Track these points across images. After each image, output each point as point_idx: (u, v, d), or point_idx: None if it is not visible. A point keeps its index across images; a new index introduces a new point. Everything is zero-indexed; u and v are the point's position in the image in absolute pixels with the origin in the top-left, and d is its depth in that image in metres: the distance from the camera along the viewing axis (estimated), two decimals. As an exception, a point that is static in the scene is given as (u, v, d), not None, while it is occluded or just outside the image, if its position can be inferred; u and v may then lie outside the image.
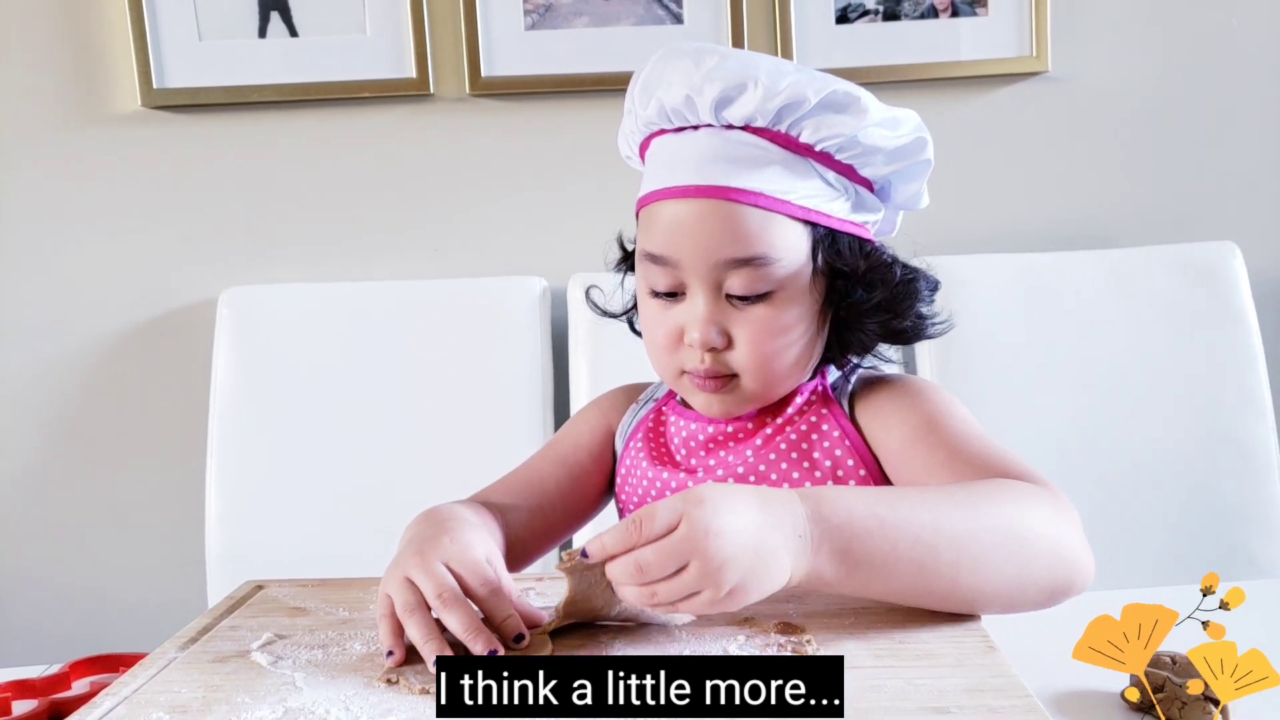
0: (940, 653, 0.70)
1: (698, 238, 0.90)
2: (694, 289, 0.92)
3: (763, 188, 0.89)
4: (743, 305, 0.92)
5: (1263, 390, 1.74)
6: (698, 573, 0.65)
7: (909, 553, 0.72)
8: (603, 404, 1.15)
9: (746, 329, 0.92)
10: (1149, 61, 1.89)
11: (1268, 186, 1.92)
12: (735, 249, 0.89)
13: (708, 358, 0.93)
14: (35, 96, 1.85)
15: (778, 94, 0.87)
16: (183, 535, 1.87)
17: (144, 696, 0.68)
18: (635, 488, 1.05)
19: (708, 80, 0.88)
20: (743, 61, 0.89)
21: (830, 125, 0.88)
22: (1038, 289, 1.77)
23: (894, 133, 0.91)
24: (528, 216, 1.90)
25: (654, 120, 0.94)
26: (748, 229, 0.89)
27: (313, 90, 1.85)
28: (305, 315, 1.82)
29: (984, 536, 0.74)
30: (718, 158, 0.90)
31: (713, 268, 0.90)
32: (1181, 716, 0.70)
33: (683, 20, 1.84)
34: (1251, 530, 1.70)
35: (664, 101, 0.91)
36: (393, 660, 0.71)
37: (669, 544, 0.66)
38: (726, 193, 0.89)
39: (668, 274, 0.93)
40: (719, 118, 0.90)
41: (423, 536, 0.81)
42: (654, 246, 0.93)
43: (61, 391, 1.90)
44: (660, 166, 0.94)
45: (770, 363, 0.93)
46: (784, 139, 0.90)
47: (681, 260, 0.91)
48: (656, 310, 0.96)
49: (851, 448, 0.97)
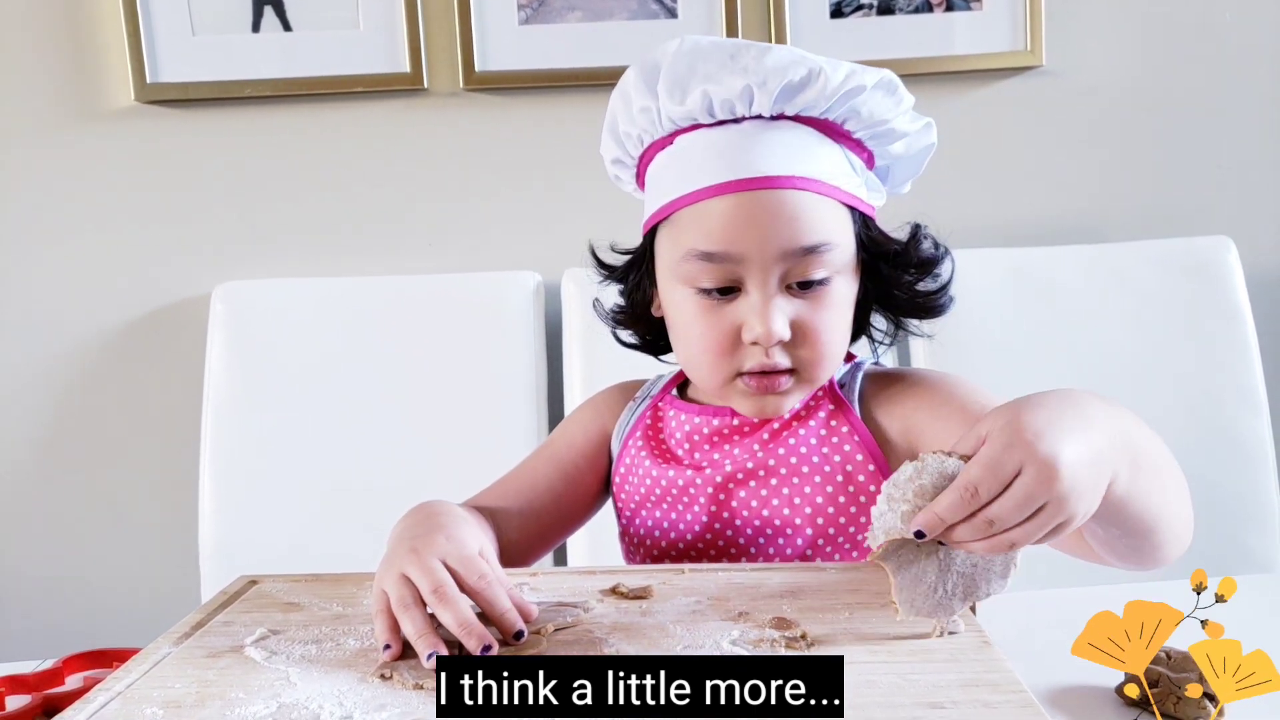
0: (935, 648, 0.70)
1: (763, 229, 0.88)
2: (754, 283, 0.90)
3: (817, 174, 0.89)
4: (804, 294, 0.91)
5: (1258, 385, 1.74)
6: (1054, 510, 0.64)
7: (1165, 465, 0.74)
8: (597, 404, 1.13)
9: (810, 318, 0.91)
10: (1143, 56, 1.89)
11: (1263, 181, 1.92)
12: (803, 237, 0.88)
13: (774, 352, 0.91)
14: (28, 91, 1.85)
15: (841, 83, 0.88)
16: (176, 530, 1.87)
17: (137, 692, 0.67)
18: (637, 487, 1.04)
19: (773, 71, 0.87)
20: (788, 52, 0.89)
21: (877, 112, 0.91)
22: (1032, 284, 1.77)
23: (915, 119, 0.95)
24: (522, 211, 1.90)
25: (691, 115, 0.92)
26: (812, 217, 0.89)
27: (306, 85, 1.84)
28: (299, 310, 1.81)
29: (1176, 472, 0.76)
30: (772, 147, 0.89)
31: (779, 258, 0.89)
32: (1177, 711, 0.70)
33: (676, 14, 1.83)
34: (1247, 525, 1.71)
35: (713, 96, 0.89)
36: (389, 655, 0.71)
37: (1019, 494, 0.63)
38: (790, 181, 0.88)
39: (723, 271, 0.90)
40: (780, 106, 0.89)
41: (417, 533, 0.81)
42: (710, 244, 0.90)
43: (55, 386, 1.90)
44: (700, 163, 0.91)
45: (832, 351, 0.93)
46: (824, 124, 0.91)
47: (746, 254, 0.89)
48: (704, 311, 0.93)
49: (862, 443, 0.96)
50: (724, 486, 0.98)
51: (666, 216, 0.94)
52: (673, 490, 1.00)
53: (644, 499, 1.03)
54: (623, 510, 1.07)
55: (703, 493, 0.98)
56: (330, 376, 1.78)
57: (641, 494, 1.03)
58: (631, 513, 1.05)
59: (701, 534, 0.99)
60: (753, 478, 0.97)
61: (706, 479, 0.98)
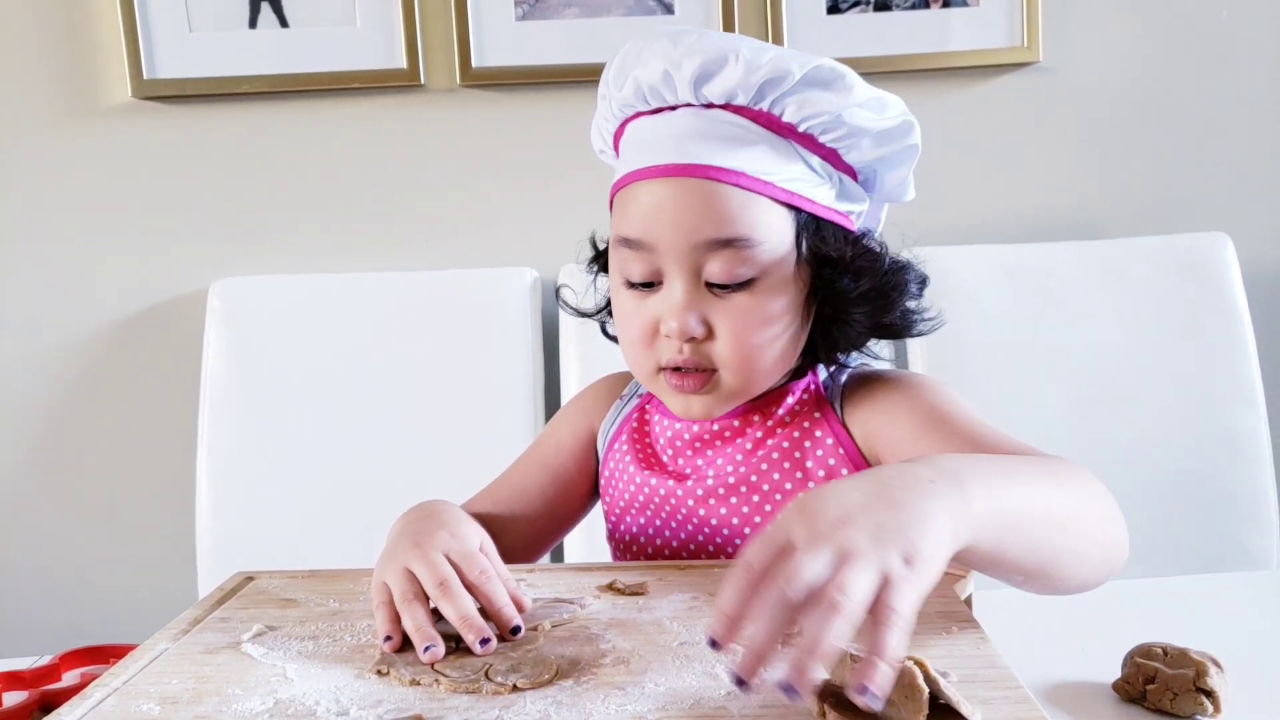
0: (931, 644, 0.69)
1: (676, 218, 0.86)
2: (671, 275, 0.87)
3: (744, 167, 0.85)
4: (723, 293, 0.87)
5: (1254, 382, 1.74)
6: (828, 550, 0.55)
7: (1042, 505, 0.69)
8: (585, 401, 1.12)
9: (728, 318, 0.87)
10: (1140, 52, 1.89)
11: (1259, 177, 1.92)
12: (715, 229, 0.85)
13: (686, 349, 0.88)
14: (25, 87, 1.84)
15: (759, 68, 0.83)
16: (173, 527, 1.87)
17: (134, 688, 0.67)
18: (621, 492, 1.03)
19: (687, 55, 0.84)
20: (723, 38, 0.86)
21: (814, 103, 0.84)
22: (1028, 280, 1.77)
23: (880, 115, 0.88)
24: (519, 207, 1.90)
25: (630, 102, 0.90)
26: (728, 209, 0.85)
27: (303, 81, 1.84)
28: (296, 306, 1.81)
29: (1083, 505, 0.72)
30: (697, 136, 0.86)
31: (691, 250, 0.86)
32: (1173, 707, 0.70)
33: (673, 10, 1.83)
34: (1243, 521, 1.71)
35: (640, 80, 0.88)
36: (389, 645, 0.72)
37: (802, 558, 0.55)
38: (706, 171, 0.85)
39: (643, 260, 0.88)
40: (699, 95, 0.86)
41: (419, 528, 0.82)
42: (630, 230, 0.88)
43: (51, 383, 1.90)
44: (636, 149, 0.90)
45: (753, 356, 0.88)
46: (766, 118, 0.86)
47: (659, 243, 0.87)
48: (631, 302, 0.91)
49: (845, 456, 0.93)
50: (704, 500, 0.96)
51: (611, 203, 0.94)
52: (655, 499, 0.99)
53: (629, 505, 1.01)
54: (609, 513, 1.06)
55: (684, 504, 0.97)
56: (327, 372, 1.78)
57: (626, 499, 1.02)
58: (618, 517, 1.04)
59: (686, 543, 0.98)
60: (734, 493, 0.94)
61: (688, 491, 0.96)
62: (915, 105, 0.95)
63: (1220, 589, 1.04)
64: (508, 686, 0.65)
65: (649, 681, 0.65)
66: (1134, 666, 0.73)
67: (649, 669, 0.67)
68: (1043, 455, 0.77)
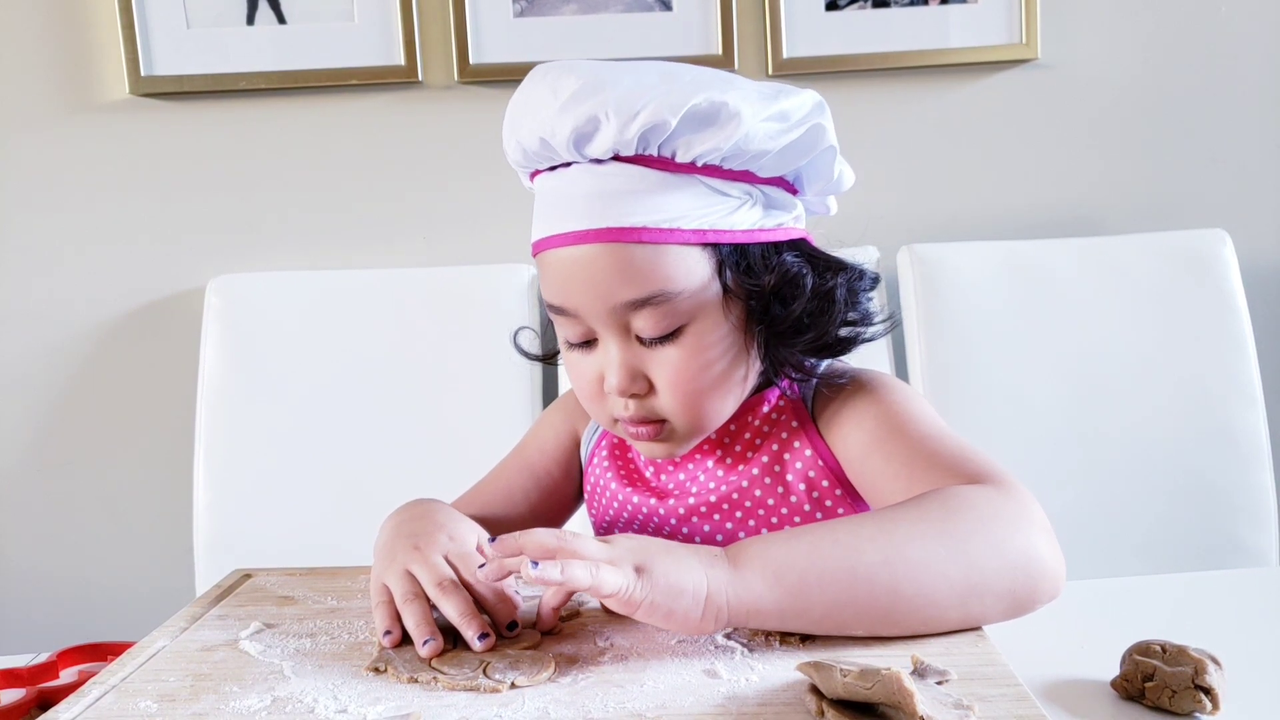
0: (930, 642, 0.70)
1: (589, 285, 0.83)
2: (603, 335, 0.85)
3: (647, 220, 0.81)
4: (656, 345, 0.84)
5: (1253, 378, 1.74)
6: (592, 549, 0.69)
7: (843, 572, 0.69)
8: (568, 403, 1.11)
9: (664, 370, 0.85)
10: (1139, 48, 1.89)
11: (1259, 174, 1.92)
12: (630, 291, 0.82)
13: (631, 405, 0.86)
14: (23, 83, 1.84)
15: (633, 121, 0.78)
16: (171, 524, 1.87)
17: (132, 685, 0.67)
18: (606, 507, 1.02)
19: (559, 117, 0.80)
20: (597, 84, 0.80)
21: (703, 141, 0.80)
22: (1027, 277, 1.77)
23: (782, 129, 0.82)
24: (516, 204, 1.87)
25: (521, 163, 0.88)
26: (638, 268, 0.81)
27: (301, 78, 1.84)
28: (294, 303, 1.81)
29: (929, 554, 0.71)
30: (593, 196, 0.82)
31: (611, 312, 0.83)
32: (1171, 705, 0.70)
33: (671, 7, 1.83)
34: (1241, 518, 1.71)
35: (524, 145, 0.84)
36: (389, 640, 0.73)
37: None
38: (608, 234, 0.81)
39: (573, 324, 0.86)
40: (583, 155, 0.82)
41: (417, 529, 0.82)
42: (551, 297, 0.86)
43: (49, 380, 1.90)
44: (542, 208, 0.87)
45: (697, 402, 0.86)
46: (660, 163, 0.81)
47: (579, 309, 0.84)
48: (576, 360, 0.89)
49: (825, 468, 0.91)
50: (687, 519, 0.95)
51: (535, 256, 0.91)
52: (638, 517, 0.98)
53: (614, 520, 1.01)
54: (595, 526, 1.05)
55: (666, 523, 0.96)
56: (324, 369, 1.78)
57: (611, 515, 1.01)
58: (604, 529, 1.03)
59: None
60: (717, 510, 0.93)
61: (670, 510, 0.96)
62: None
63: (1219, 586, 1.04)
64: (506, 684, 0.65)
65: (647, 679, 0.66)
66: (1132, 664, 0.73)
67: (647, 667, 0.67)
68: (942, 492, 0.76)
